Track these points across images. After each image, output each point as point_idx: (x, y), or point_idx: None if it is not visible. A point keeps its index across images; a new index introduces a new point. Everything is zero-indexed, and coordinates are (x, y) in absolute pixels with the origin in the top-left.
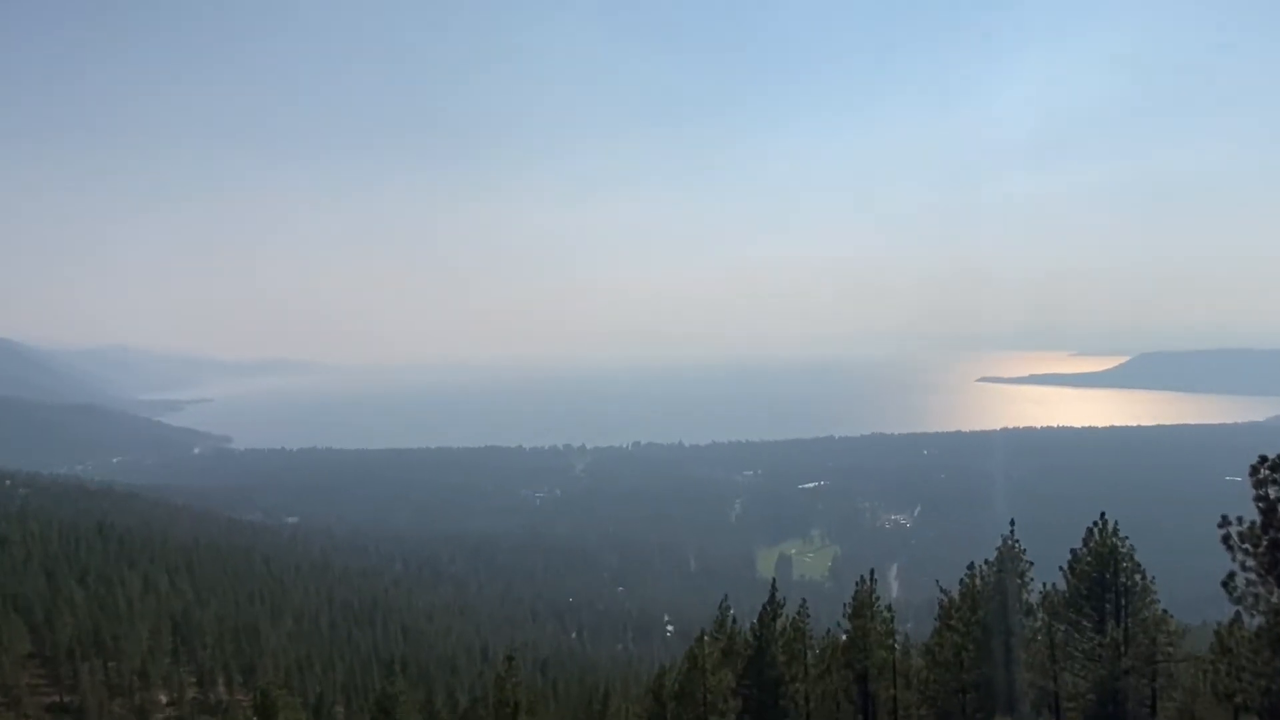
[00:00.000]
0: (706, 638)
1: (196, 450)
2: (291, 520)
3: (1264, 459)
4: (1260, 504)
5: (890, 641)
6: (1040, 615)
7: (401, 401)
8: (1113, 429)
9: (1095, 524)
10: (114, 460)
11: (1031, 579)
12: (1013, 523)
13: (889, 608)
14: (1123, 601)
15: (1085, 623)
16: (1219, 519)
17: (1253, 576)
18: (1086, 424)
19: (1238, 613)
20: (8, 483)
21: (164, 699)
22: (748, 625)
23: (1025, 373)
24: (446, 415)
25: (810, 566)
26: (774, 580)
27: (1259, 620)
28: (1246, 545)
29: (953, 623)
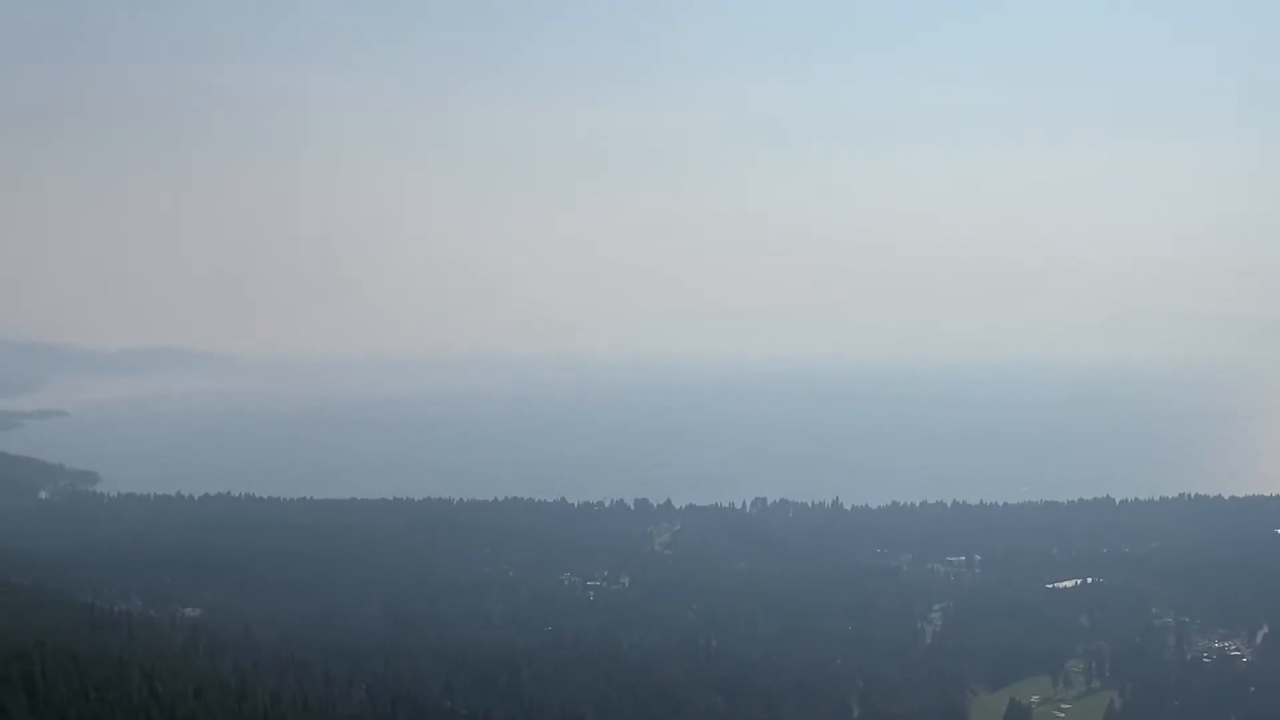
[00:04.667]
0: None
1: (43, 494)
2: (190, 613)
3: None
4: None
5: None
6: None
7: (367, 417)
8: None
9: None
10: None
11: None
12: None
13: None
14: None
15: None
16: None
17: None
18: None
19: None
20: None
21: None
22: None
23: None
24: (440, 442)
25: None
26: None
27: None
28: None
29: None
